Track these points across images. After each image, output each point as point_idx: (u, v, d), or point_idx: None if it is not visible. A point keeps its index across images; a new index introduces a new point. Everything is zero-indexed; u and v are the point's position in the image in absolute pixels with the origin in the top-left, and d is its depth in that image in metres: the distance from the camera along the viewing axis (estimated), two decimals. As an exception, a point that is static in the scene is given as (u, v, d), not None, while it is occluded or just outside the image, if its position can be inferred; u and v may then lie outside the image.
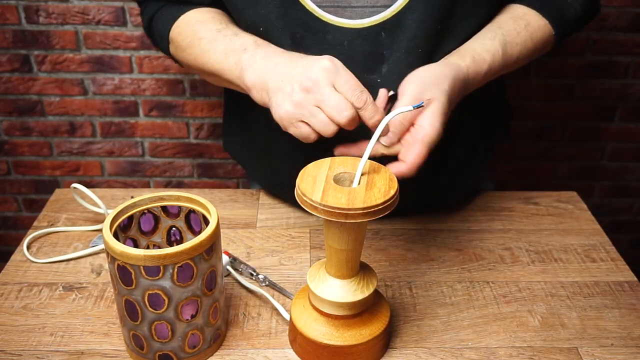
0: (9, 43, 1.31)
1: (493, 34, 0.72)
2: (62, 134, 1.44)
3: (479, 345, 0.66)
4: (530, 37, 0.74)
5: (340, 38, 0.70)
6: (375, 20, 0.69)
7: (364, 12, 0.69)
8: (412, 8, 0.68)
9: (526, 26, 0.74)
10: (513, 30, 0.73)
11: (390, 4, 0.68)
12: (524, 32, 0.73)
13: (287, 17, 0.70)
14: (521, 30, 0.73)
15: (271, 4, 0.69)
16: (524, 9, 0.76)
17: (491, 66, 0.71)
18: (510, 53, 0.72)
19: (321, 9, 0.69)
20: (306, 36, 0.70)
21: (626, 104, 1.44)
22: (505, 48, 0.72)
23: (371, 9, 0.68)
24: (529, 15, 0.75)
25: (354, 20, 0.69)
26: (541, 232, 0.85)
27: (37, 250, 0.79)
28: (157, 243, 0.66)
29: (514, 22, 0.74)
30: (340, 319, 0.61)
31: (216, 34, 0.73)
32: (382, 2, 0.68)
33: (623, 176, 1.55)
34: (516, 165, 1.52)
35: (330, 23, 0.69)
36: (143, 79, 1.37)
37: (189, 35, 0.76)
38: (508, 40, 0.72)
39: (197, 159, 1.49)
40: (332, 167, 0.58)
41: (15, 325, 0.67)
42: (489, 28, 0.73)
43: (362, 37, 0.70)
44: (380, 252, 0.80)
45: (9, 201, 1.55)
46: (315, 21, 0.69)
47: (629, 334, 0.68)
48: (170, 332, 0.58)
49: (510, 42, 0.72)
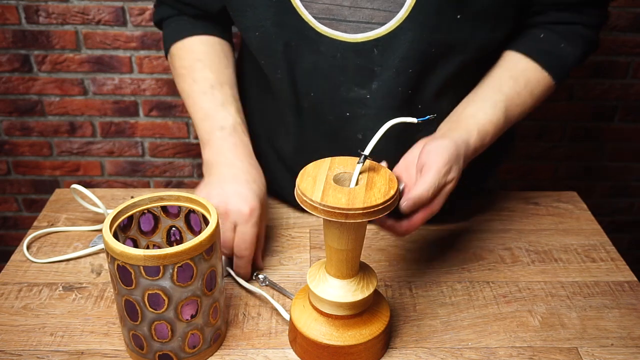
0: (9, 43, 1.31)
1: (494, 100, 0.71)
2: (62, 134, 1.44)
3: (479, 345, 0.66)
4: (530, 95, 0.74)
5: (333, 50, 0.70)
6: (368, 36, 0.69)
7: (358, 27, 0.69)
8: (405, 29, 0.68)
9: (526, 85, 0.73)
10: (514, 91, 0.73)
11: (385, 22, 0.68)
12: (524, 91, 0.73)
13: (283, 25, 0.70)
14: (521, 91, 0.73)
15: (268, 11, 0.70)
16: (524, 63, 0.74)
17: (493, 136, 0.71)
18: (511, 116, 0.73)
19: (317, 20, 0.69)
20: (300, 45, 0.71)
21: (626, 104, 1.44)
22: (507, 114, 0.72)
23: (365, 25, 0.69)
24: (528, 72, 0.74)
25: (348, 34, 0.69)
26: (541, 232, 0.85)
27: (37, 250, 0.79)
28: (157, 243, 0.66)
29: (515, 83, 0.73)
30: (340, 319, 0.61)
31: (208, 89, 0.78)
32: (377, 19, 0.68)
33: (623, 176, 1.55)
34: (516, 165, 1.52)
35: (325, 35, 0.70)
36: (143, 79, 1.37)
37: (186, 67, 0.80)
38: (508, 105, 0.72)
39: (197, 159, 1.49)
40: (332, 167, 0.58)
41: (15, 325, 0.67)
42: (489, 93, 0.72)
43: (354, 52, 0.70)
44: (380, 252, 0.80)
45: (9, 201, 1.55)
46: (310, 31, 0.70)
47: (629, 334, 0.68)
48: (170, 332, 0.58)
49: (511, 105, 0.72)
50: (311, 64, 0.72)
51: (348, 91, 0.72)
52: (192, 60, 0.80)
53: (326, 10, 0.69)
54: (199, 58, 0.80)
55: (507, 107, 0.72)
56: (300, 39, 0.71)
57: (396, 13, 0.67)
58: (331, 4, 0.68)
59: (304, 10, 0.69)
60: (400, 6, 0.67)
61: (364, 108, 0.73)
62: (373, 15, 0.68)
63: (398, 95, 0.72)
